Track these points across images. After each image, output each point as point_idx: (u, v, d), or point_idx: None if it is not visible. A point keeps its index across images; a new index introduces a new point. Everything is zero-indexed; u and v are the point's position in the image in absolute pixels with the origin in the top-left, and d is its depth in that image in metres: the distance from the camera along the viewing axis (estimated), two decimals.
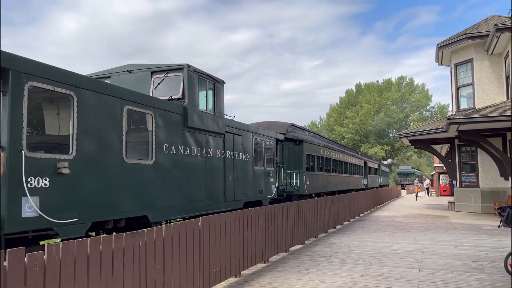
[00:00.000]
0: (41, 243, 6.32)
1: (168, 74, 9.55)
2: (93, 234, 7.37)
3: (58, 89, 6.15)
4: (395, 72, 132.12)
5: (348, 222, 14.80)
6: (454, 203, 20.35)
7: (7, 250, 2.99)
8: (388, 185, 49.46)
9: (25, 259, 3.08)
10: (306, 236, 9.97)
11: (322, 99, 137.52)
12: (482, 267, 7.21)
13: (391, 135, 69.26)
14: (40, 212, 5.69)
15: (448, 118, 15.56)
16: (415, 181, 45.41)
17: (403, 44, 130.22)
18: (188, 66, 9.37)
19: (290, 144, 17.49)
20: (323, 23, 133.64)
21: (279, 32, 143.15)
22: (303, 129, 21.43)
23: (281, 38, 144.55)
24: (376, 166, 41.43)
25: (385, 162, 62.78)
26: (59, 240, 6.29)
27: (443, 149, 27.47)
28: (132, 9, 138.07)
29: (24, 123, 5.62)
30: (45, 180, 5.81)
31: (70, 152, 6.28)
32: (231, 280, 6.32)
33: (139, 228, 4.51)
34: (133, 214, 7.45)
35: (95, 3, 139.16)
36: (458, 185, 20.26)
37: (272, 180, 13.77)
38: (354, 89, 75.84)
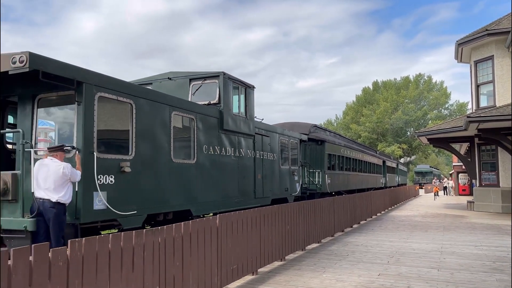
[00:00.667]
0: (102, 233, 6.97)
1: (206, 81, 10.35)
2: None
3: (120, 98, 7.01)
4: (412, 70, 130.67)
5: (365, 221, 14.71)
6: (473, 202, 20.02)
7: (32, 246, 3.08)
8: (405, 184, 48.92)
9: (50, 254, 3.16)
10: (322, 235, 9.94)
11: (338, 97, 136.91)
12: (503, 267, 7.09)
13: (408, 133, 68.34)
14: (107, 205, 6.49)
15: (468, 117, 15.32)
16: (434, 180, 44.67)
17: (421, 41, 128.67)
18: (224, 73, 10.17)
19: (312, 143, 18.12)
20: (339, 20, 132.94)
21: (294, 30, 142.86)
22: (324, 129, 22.31)
23: (296, 36, 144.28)
24: (394, 165, 41.16)
25: (401, 160, 62.01)
26: (116, 231, 7.31)
27: (462, 148, 27.01)
28: (149, 8, 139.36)
29: (95, 128, 6.44)
30: (111, 177, 6.65)
31: (130, 153, 7.12)
32: (248, 277, 6.36)
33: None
34: (180, 208, 8.34)
35: (113, 3, 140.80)
36: (477, 184, 19.92)
37: (296, 178, 14.42)
38: (371, 87, 75.04)
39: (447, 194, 40.75)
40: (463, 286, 5.90)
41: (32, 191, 5.96)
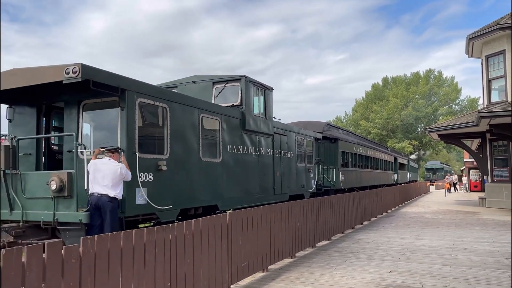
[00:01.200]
0: (140, 226, 7.60)
1: (228, 84, 11.00)
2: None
3: (157, 103, 7.65)
4: (422, 66, 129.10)
5: (375, 218, 14.64)
6: (485, 198, 19.82)
7: (45, 243, 3.12)
8: (416, 181, 48.58)
9: (62, 252, 3.20)
10: (332, 232, 9.92)
11: (347, 94, 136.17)
12: None
13: (419, 129, 67.76)
14: (148, 200, 7.13)
15: (479, 112, 15.14)
16: (446, 176, 44.10)
17: (430, 37, 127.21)
18: (245, 77, 10.81)
19: (326, 142, 18.70)
20: (347, 16, 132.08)
21: (302, 27, 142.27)
22: (337, 127, 22.97)
23: (304, 33, 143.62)
24: (405, 162, 41.08)
25: (411, 156, 61.52)
26: (151, 224, 8.01)
27: (474, 143, 26.74)
28: (157, 7, 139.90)
29: (136, 131, 7.07)
30: (150, 175, 7.29)
31: (165, 153, 7.74)
32: (259, 274, 6.37)
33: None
34: (208, 203, 9.00)
35: (122, 2, 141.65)
36: (489, 180, 19.71)
37: (312, 175, 15.02)
38: (380, 83, 74.50)
39: (456, 191, 40.26)
40: (475, 283, 5.85)
41: (85, 188, 6.54)
